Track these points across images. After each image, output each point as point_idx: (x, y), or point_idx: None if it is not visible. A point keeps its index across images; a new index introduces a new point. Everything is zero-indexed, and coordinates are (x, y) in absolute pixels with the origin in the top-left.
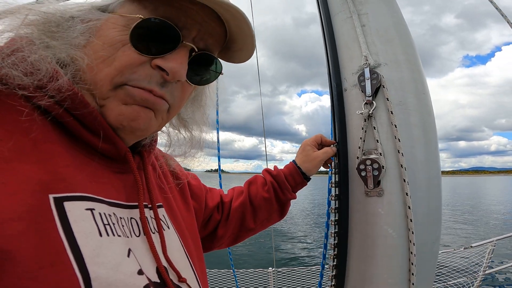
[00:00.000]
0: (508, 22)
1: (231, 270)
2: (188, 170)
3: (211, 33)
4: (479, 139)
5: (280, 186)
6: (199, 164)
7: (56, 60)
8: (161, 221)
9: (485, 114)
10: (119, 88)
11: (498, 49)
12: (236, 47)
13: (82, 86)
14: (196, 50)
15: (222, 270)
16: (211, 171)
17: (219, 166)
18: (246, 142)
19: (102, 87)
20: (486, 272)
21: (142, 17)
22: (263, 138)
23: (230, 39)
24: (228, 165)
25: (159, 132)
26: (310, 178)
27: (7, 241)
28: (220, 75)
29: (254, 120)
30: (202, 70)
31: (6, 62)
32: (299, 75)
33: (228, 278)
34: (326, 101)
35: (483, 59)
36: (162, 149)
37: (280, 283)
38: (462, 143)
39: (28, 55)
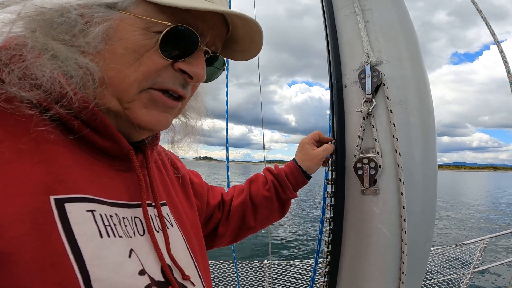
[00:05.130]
0: (486, 24)
1: (227, 262)
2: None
3: (220, 36)
4: (462, 135)
5: (281, 185)
6: (187, 151)
7: (69, 76)
8: (164, 219)
9: (469, 111)
10: (144, 91)
11: (487, 47)
12: (238, 47)
13: (106, 90)
14: (210, 53)
15: (218, 262)
16: (199, 158)
17: (227, 157)
18: (235, 130)
19: (129, 91)
20: (476, 269)
21: (171, 24)
22: (252, 127)
23: (232, 40)
24: (217, 152)
25: None
26: (311, 177)
27: (8, 243)
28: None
29: (243, 108)
30: (212, 69)
31: (15, 81)
32: (290, 65)
33: (225, 268)
34: (316, 92)
35: (471, 57)
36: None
37: (274, 276)
38: (445, 138)
39: (36, 74)
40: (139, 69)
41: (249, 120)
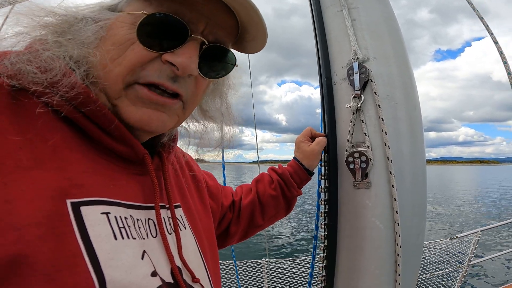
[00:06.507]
0: (479, 17)
1: (226, 262)
2: None
3: (221, 25)
4: (449, 130)
5: (286, 184)
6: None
7: (68, 58)
8: (178, 221)
9: (454, 107)
10: (130, 87)
11: (468, 44)
12: (249, 37)
13: (96, 85)
14: (206, 43)
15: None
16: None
17: (223, 158)
18: (226, 131)
19: (114, 86)
20: (472, 262)
21: (147, 13)
22: (243, 128)
23: (243, 30)
24: (208, 154)
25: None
26: (314, 173)
27: (25, 246)
28: (235, 66)
29: (233, 109)
30: (216, 63)
31: (21, 58)
32: (279, 65)
33: (223, 268)
34: (305, 91)
35: (453, 54)
36: (183, 140)
37: (273, 273)
38: (432, 134)
39: (41, 52)
40: (122, 63)
41: (240, 120)
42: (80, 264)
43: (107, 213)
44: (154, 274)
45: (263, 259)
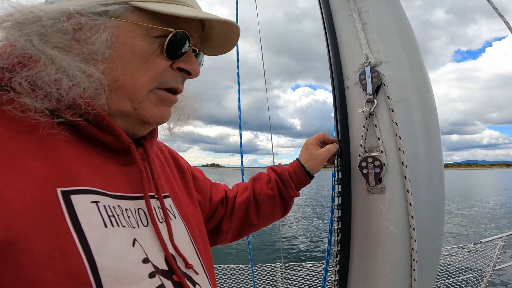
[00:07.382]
0: (500, 15)
1: (240, 265)
2: None
3: (200, 35)
4: (471, 132)
5: (284, 184)
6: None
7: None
8: (167, 211)
9: (476, 108)
10: (151, 92)
11: (489, 44)
12: (210, 44)
13: (116, 94)
14: (197, 51)
15: (231, 265)
16: (207, 165)
17: (242, 162)
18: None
19: (139, 93)
20: (496, 268)
21: (173, 30)
22: (258, 132)
23: (205, 38)
24: (223, 159)
25: None
26: (314, 176)
27: (18, 233)
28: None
29: (248, 114)
30: None
31: (28, 92)
32: (292, 69)
33: (237, 272)
34: (320, 95)
35: (474, 54)
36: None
37: (287, 278)
38: (454, 137)
39: (46, 84)
40: (147, 72)
41: (254, 125)
42: (73, 251)
43: (96, 202)
44: (146, 261)
45: (277, 263)
